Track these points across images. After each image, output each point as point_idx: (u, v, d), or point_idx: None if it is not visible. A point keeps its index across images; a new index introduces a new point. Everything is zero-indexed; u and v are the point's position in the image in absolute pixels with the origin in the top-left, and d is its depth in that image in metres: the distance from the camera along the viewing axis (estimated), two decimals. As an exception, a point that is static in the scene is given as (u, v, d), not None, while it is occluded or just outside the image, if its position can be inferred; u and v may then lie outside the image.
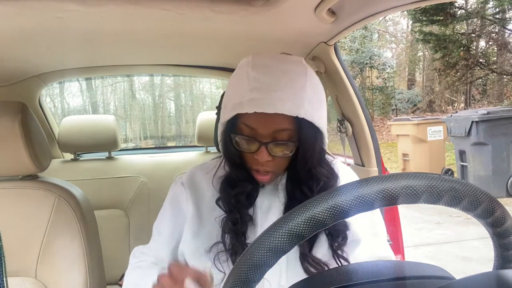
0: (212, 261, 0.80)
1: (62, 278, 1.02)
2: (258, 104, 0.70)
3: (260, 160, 0.75)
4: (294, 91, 0.72)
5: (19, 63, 1.50)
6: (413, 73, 16.08)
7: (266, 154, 0.75)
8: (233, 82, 0.79)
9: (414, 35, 13.57)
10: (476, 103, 12.76)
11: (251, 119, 0.74)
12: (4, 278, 0.63)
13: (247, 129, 0.75)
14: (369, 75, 14.47)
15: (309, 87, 0.75)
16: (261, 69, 0.74)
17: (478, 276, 0.38)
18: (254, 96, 0.71)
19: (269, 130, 0.74)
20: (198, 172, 0.92)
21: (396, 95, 14.30)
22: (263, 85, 0.72)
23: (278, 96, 0.71)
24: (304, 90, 0.73)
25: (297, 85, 0.74)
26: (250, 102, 0.71)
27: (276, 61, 0.77)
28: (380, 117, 13.94)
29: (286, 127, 0.74)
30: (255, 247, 0.39)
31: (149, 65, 1.87)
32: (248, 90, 0.72)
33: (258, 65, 0.75)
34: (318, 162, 0.80)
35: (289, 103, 0.71)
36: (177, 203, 0.90)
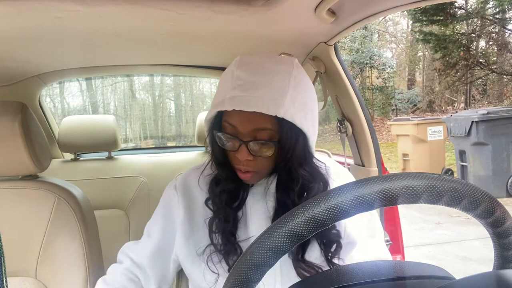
0: (205, 263, 0.80)
1: (62, 278, 1.02)
2: (237, 102, 0.70)
3: (240, 158, 0.75)
4: (275, 90, 0.72)
5: (19, 63, 1.50)
6: (413, 73, 16.08)
7: (246, 153, 0.74)
8: (220, 80, 0.80)
9: (414, 35, 13.58)
10: (476, 103, 12.76)
11: (232, 117, 0.74)
12: (4, 278, 0.63)
13: (229, 127, 0.76)
14: (369, 75, 14.47)
15: (292, 87, 0.73)
16: (245, 68, 0.74)
17: (478, 276, 0.38)
18: (234, 94, 0.71)
19: (248, 128, 0.73)
20: (192, 175, 0.92)
21: (396, 95, 14.30)
22: (245, 83, 0.72)
23: (258, 95, 0.70)
24: (286, 90, 0.72)
25: (280, 85, 0.73)
26: (230, 100, 0.71)
27: (263, 60, 0.77)
28: (380, 117, 13.94)
29: (266, 127, 0.73)
30: (255, 247, 0.39)
31: (149, 65, 1.87)
32: (230, 88, 0.73)
33: (243, 64, 0.75)
34: (300, 164, 0.78)
35: (268, 102, 0.70)
36: (168, 207, 0.90)
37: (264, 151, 0.75)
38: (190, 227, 0.85)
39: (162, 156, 2.15)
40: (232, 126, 0.75)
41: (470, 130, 5.52)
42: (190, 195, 0.88)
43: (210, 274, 0.81)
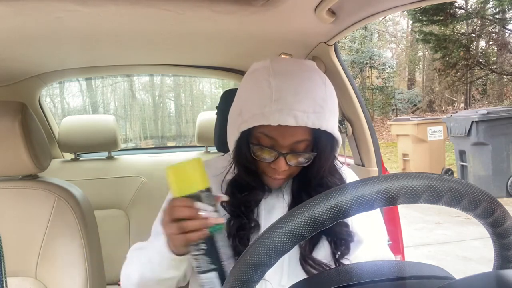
0: None
1: (62, 278, 1.02)
2: (282, 117, 0.69)
3: (278, 169, 0.75)
4: (317, 103, 0.72)
5: (19, 63, 1.50)
6: (413, 73, 16.08)
7: (284, 164, 0.75)
8: (249, 88, 0.76)
9: (414, 35, 13.58)
10: (476, 103, 12.76)
11: (272, 131, 0.73)
12: (4, 278, 0.63)
13: (266, 139, 0.74)
14: (369, 75, 14.47)
15: (329, 97, 0.75)
16: (282, 77, 0.73)
17: (478, 276, 0.38)
18: (277, 107, 0.70)
19: (289, 141, 0.74)
20: None
21: (396, 95, 14.30)
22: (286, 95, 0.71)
23: (302, 109, 0.70)
24: (325, 101, 0.73)
25: (319, 96, 0.73)
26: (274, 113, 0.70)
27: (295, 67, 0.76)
28: (380, 117, 13.94)
29: (306, 138, 0.74)
30: (255, 247, 0.39)
31: (149, 65, 1.87)
32: (270, 100, 0.71)
33: (278, 73, 0.73)
34: (330, 171, 0.81)
35: (312, 115, 0.70)
36: None
37: (301, 161, 0.77)
38: None
39: (162, 156, 2.15)
40: (270, 139, 0.74)
41: (470, 130, 5.51)
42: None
43: None
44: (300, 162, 0.77)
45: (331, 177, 0.81)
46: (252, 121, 0.72)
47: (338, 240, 0.81)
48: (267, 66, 0.75)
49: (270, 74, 0.73)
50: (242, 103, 0.76)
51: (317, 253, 0.80)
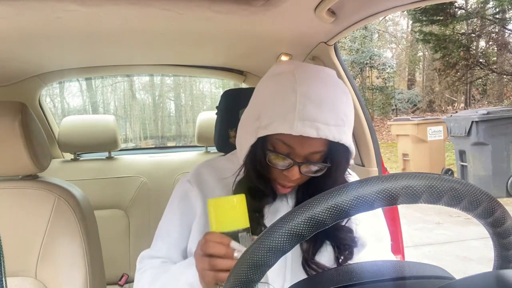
0: None
1: (62, 278, 1.02)
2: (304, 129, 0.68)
3: (291, 177, 0.75)
4: (339, 116, 0.71)
5: (19, 63, 1.50)
6: (413, 73, 16.08)
7: (297, 173, 0.75)
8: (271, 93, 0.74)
9: (414, 35, 13.58)
10: (476, 103, 12.76)
11: (291, 139, 0.72)
12: (4, 278, 0.63)
13: (284, 147, 0.73)
14: (369, 75, 14.47)
15: (349, 110, 0.74)
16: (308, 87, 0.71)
17: (478, 276, 0.38)
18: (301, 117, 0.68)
19: (307, 151, 0.73)
20: (204, 170, 0.91)
21: (396, 95, 14.30)
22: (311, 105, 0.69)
23: (325, 121, 0.69)
24: (347, 115, 0.73)
25: (341, 109, 0.72)
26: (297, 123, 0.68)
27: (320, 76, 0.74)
28: (380, 117, 13.94)
29: (322, 150, 0.74)
30: (255, 247, 0.39)
31: (149, 65, 1.87)
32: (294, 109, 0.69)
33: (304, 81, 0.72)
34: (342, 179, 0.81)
35: (333, 129, 0.70)
36: (186, 200, 0.88)
37: (314, 171, 0.76)
38: (206, 222, 0.84)
39: (162, 156, 2.15)
40: (288, 147, 0.73)
41: (470, 130, 5.52)
42: (206, 189, 0.87)
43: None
44: (312, 172, 0.76)
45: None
46: (272, 128, 0.70)
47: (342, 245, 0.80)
48: (291, 71, 0.73)
49: (296, 81, 0.71)
50: (261, 106, 0.74)
51: (320, 257, 0.80)
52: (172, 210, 0.91)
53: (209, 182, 0.88)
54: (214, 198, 0.66)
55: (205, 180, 0.89)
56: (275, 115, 0.71)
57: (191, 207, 0.87)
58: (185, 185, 0.90)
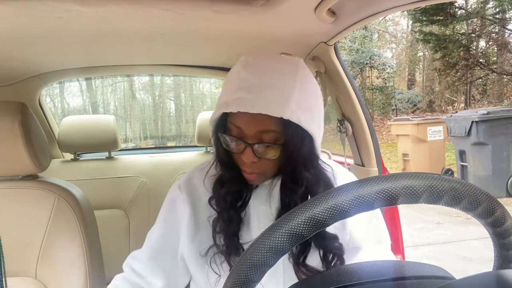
0: (209, 264, 0.80)
1: (62, 278, 1.02)
2: (242, 104, 0.69)
3: (246, 160, 0.74)
4: (281, 92, 0.71)
5: (19, 63, 1.50)
6: (413, 73, 16.08)
7: (252, 155, 0.74)
8: (226, 81, 0.79)
9: (414, 35, 13.58)
10: (476, 103, 12.76)
11: (237, 119, 0.73)
12: (4, 278, 0.63)
13: (234, 128, 0.75)
14: (369, 75, 14.47)
15: (298, 89, 0.73)
16: (251, 69, 0.73)
17: (478, 276, 0.38)
18: (240, 95, 0.70)
19: (253, 130, 0.73)
20: (196, 174, 0.91)
21: (396, 95, 14.30)
22: (250, 84, 0.71)
23: (264, 97, 0.70)
24: (292, 92, 0.72)
25: (286, 86, 0.72)
26: (235, 101, 0.70)
27: (269, 61, 0.76)
28: (380, 117, 13.94)
29: (272, 129, 0.73)
30: (255, 247, 0.39)
31: (149, 65, 1.87)
32: (235, 89, 0.72)
33: (249, 65, 0.74)
34: (305, 166, 0.77)
35: (274, 104, 0.69)
36: (173, 207, 0.89)
37: (269, 153, 0.75)
38: (195, 227, 0.84)
39: (162, 156, 2.15)
40: (237, 128, 0.74)
41: (470, 130, 5.52)
42: (195, 195, 0.88)
43: (213, 275, 0.80)
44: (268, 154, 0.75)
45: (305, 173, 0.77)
46: (218, 111, 0.74)
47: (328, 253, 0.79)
48: (243, 59, 0.76)
49: (241, 66, 0.75)
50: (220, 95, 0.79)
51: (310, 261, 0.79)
52: (159, 215, 0.93)
53: (198, 187, 0.89)
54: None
55: (195, 184, 0.89)
56: (222, 98, 0.75)
57: (176, 214, 0.88)
58: (174, 191, 0.91)
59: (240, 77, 0.73)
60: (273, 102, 0.70)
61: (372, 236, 0.87)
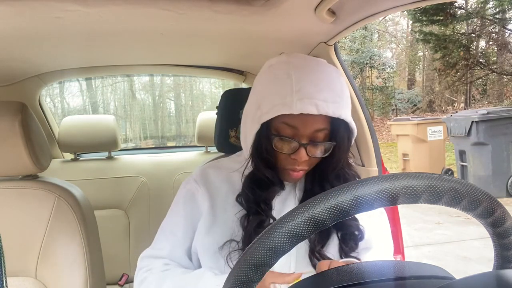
0: (225, 260, 0.80)
1: (62, 278, 1.02)
2: (304, 106, 0.71)
3: (299, 160, 0.76)
4: (336, 93, 0.75)
5: (19, 63, 1.50)
6: (413, 73, 16.08)
7: (305, 154, 0.76)
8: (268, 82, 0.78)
9: (414, 35, 13.57)
10: (476, 103, 12.76)
11: (294, 120, 0.75)
12: (4, 278, 0.63)
13: (287, 129, 0.76)
14: (369, 75, 14.47)
15: (345, 89, 0.78)
16: (301, 70, 0.75)
17: (478, 276, 0.38)
18: (299, 97, 0.72)
19: (310, 130, 0.75)
20: (210, 170, 0.91)
21: (396, 95, 14.30)
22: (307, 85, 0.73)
23: (323, 98, 0.72)
24: (343, 92, 0.76)
25: (337, 87, 0.76)
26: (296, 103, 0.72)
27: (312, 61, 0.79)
28: (380, 117, 13.94)
29: (325, 127, 0.76)
30: (255, 247, 0.39)
31: (149, 65, 1.87)
32: (291, 90, 0.73)
33: (297, 66, 0.76)
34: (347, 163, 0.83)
35: (332, 105, 0.73)
36: (192, 199, 0.88)
37: (320, 151, 0.78)
38: (212, 221, 0.84)
39: (162, 156, 2.14)
40: (292, 128, 0.75)
41: (470, 130, 5.51)
42: (211, 189, 0.88)
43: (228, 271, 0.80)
44: (320, 152, 0.78)
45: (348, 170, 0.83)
46: (274, 112, 0.74)
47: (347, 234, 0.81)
48: (285, 61, 0.78)
49: (290, 67, 0.75)
50: (260, 97, 0.78)
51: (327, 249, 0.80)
52: (177, 210, 0.91)
53: (215, 182, 0.89)
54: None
55: (211, 180, 0.89)
56: (274, 99, 0.74)
57: (197, 207, 0.87)
58: (191, 185, 0.90)
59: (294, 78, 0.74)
60: (331, 103, 0.73)
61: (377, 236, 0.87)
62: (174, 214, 0.91)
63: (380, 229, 0.89)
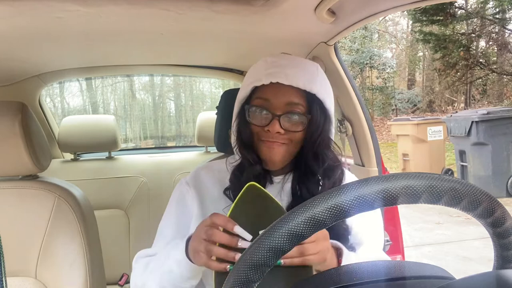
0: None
1: (62, 278, 1.02)
2: (275, 76, 0.76)
3: (272, 131, 0.78)
4: (308, 72, 0.79)
5: (19, 63, 1.50)
6: (413, 73, 16.07)
7: (278, 126, 0.78)
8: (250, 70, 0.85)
9: (414, 35, 13.57)
10: (476, 103, 12.75)
11: (266, 91, 0.79)
12: (4, 278, 0.63)
13: (261, 101, 0.80)
14: (369, 75, 14.47)
15: (320, 75, 0.81)
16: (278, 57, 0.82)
17: (478, 276, 0.38)
18: (271, 71, 0.77)
19: (282, 101, 0.78)
20: (202, 172, 0.92)
21: (396, 95, 14.29)
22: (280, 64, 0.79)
23: (293, 72, 0.77)
24: (317, 74, 0.80)
25: (310, 69, 0.80)
26: (267, 75, 0.77)
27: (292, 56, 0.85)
28: (380, 117, 13.93)
29: (298, 101, 0.79)
30: (255, 247, 0.39)
31: (149, 65, 1.87)
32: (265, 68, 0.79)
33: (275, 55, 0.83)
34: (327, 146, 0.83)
35: (303, 78, 0.77)
36: (182, 202, 0.90)
37: (294, 125, 0.79)
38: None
39: (162, 156, 2.15)
40: (265, 100, 0.79)
41: (470, 130, 5.51)
42: (202, 190, 0.89)
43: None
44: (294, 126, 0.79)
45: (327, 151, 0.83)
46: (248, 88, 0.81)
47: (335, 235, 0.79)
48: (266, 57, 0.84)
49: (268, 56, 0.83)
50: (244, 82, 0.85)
51: None
52: (169, 212, 0.92)
53: (206, 183, 0.90)
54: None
55: (202, 181, 0.90)
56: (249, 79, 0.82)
57: (187, 209, 0.88)
58: (183, 187, 0.91)
59: (268, 61, 0.80)
60: (301, 77, 0.77)
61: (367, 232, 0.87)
62: (166, 216, 0.92)
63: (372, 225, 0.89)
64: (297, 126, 0.79)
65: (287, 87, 0.77)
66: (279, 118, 0.78)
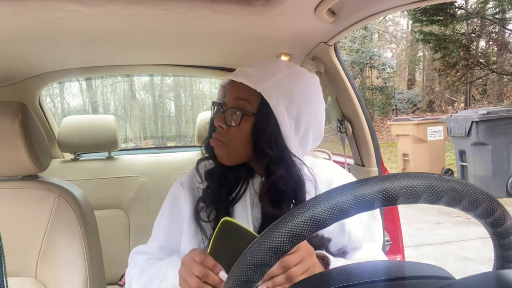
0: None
1: (62, 278, 1.02)
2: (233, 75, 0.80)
3: (215, 124, 0.80)
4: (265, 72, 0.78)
5: (19, 63, 1.50)
6: (413, 73, 16.07)
7: (222, 120, 0.79)
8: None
9: (414, 35, 13.57)
10: (476, 103, 12.75)
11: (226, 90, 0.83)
12: (4, 278, 0.63)
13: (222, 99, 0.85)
14: (369, 75, 14.46)
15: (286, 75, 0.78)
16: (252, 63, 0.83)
17: (478, 276, 0.38)
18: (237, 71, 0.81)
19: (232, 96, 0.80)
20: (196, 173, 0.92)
21: (396, 95, 14.29)
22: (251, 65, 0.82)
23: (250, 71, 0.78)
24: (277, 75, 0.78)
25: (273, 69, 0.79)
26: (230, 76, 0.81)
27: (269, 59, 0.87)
28: (380, 117, 13.93)
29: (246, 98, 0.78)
30: (255, 247, 0.39)
31: (149, 65, 1.87)
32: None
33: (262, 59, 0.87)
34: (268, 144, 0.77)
35: (254, 78, 0.77)
36: (176, 203, 0.90)
37: (235, 120, 0.78)
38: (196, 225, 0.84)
39: (162, 156, 2.15)
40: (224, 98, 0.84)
41: (470, 130, 5.51)
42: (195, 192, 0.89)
43: None
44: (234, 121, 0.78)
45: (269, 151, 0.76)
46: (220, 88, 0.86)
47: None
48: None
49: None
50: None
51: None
52: (162, 212, 0.93)
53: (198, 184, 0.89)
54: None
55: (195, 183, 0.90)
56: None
57: (180, 210, 0.88)
58: (177, 188, 0.91)
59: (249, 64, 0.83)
60: (253, 76, 0.77)
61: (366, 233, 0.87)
62: (160, 217, 0.93)
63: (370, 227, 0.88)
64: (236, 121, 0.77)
65: (239, 84, 0.77)
66: (225, 112, 0.79)
